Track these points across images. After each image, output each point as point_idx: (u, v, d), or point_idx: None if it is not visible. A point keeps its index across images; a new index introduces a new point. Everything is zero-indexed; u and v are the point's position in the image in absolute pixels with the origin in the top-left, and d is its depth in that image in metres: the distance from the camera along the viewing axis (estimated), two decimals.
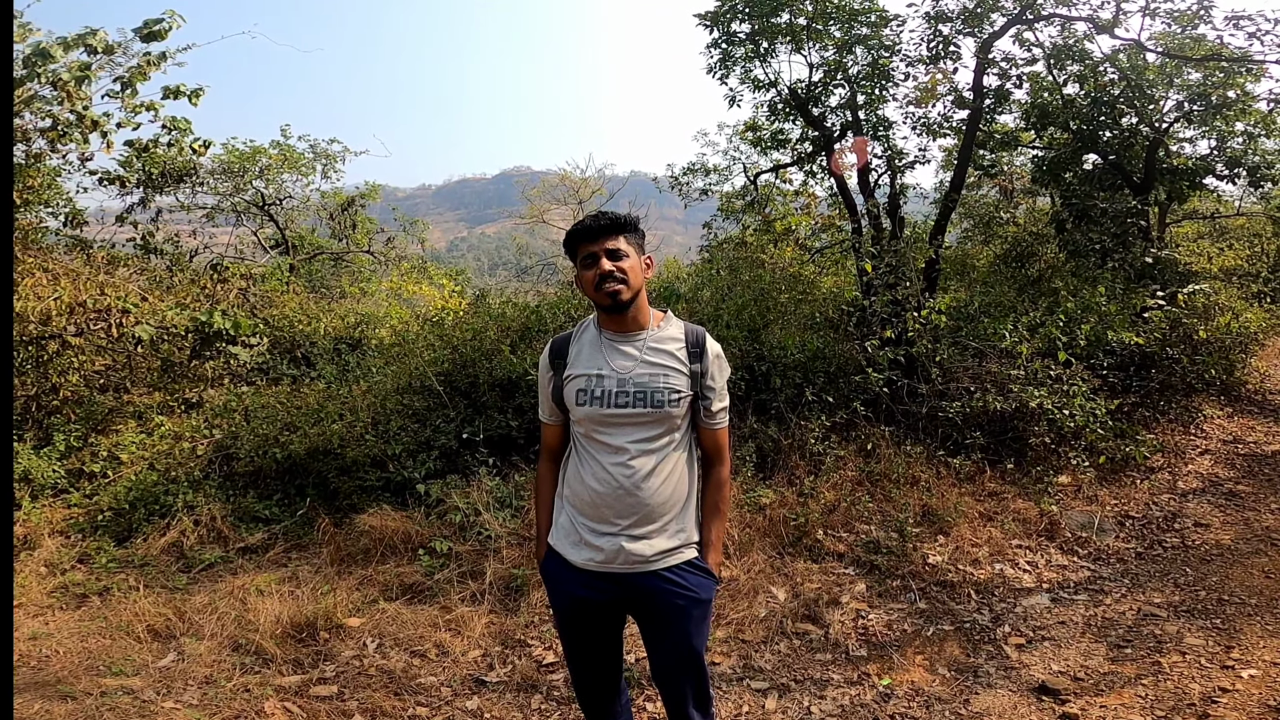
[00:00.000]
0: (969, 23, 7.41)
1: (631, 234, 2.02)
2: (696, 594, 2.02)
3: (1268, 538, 4.76)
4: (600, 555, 1.99)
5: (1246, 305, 9.64)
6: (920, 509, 4.80)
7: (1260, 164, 9.09)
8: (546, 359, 2.10)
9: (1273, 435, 6.88)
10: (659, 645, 2.08)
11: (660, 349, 2.02)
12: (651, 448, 1.98)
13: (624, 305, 1.98)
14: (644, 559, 1.99)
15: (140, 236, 8.49)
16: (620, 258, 1.97)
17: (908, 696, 3.21)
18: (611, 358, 2.01)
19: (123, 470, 5.11)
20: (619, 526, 1.98)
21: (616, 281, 1.95)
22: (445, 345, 5.81)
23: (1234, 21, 7.28)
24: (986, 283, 8.48)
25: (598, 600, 2.03)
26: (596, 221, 1.98)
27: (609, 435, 1.98)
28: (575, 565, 2.03)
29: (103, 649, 3.38)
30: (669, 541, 2.01)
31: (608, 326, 2.04)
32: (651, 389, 1.97)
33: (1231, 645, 3.50)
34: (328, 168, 11.90)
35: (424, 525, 4.42)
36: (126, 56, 5.87)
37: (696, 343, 2.05)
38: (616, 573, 2.00)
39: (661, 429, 1.99)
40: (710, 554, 2.07)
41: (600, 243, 1.97)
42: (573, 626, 2.10)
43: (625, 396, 1.96)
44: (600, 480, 1.98)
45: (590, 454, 2.02)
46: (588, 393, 1.98)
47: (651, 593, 2.01)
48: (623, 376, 1.98)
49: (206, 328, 6.04)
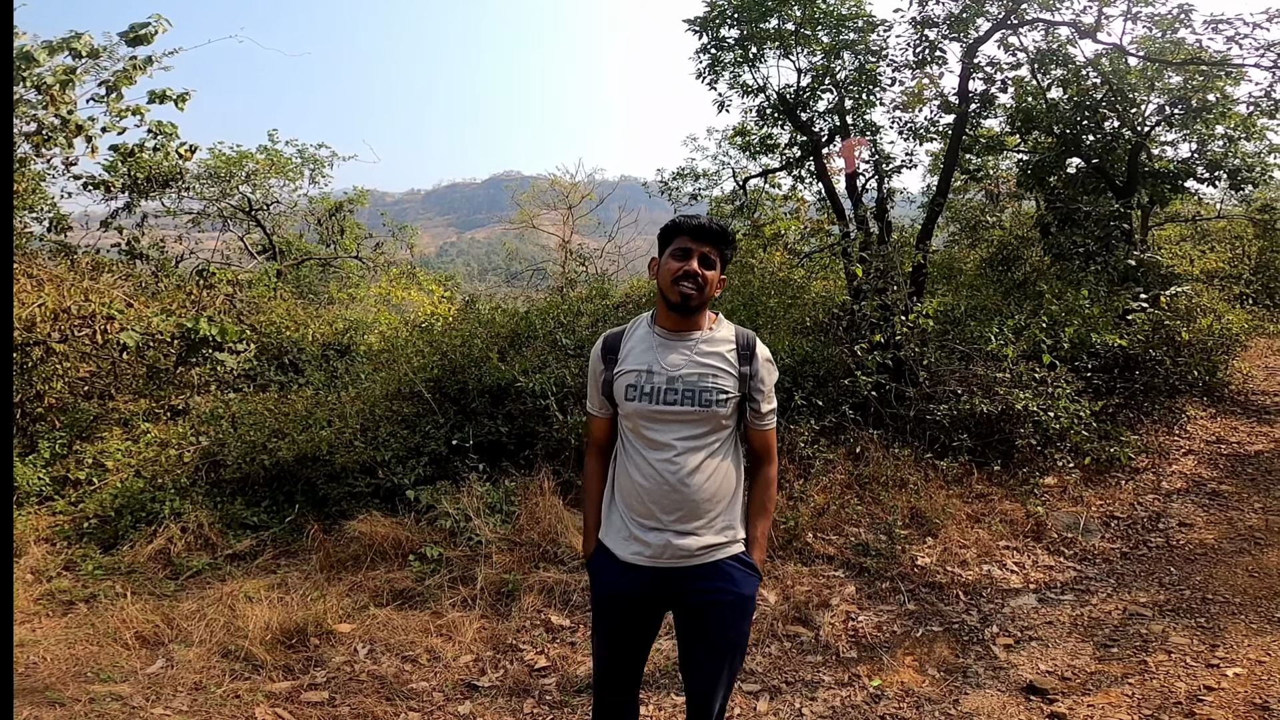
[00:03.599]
0: (954, 28, 7.49)
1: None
2: (740, 589, 2.07)
3: (1251, 537, 4.82)
4: (648, 550, 2.03)
5: (1228, 307, 9.76)
6: (909, 511, 4.83)
7: (1240, 167, 9.20)
8: (598, 353, 2.15)
9: (1255, 435, 6.96)
10: (697, 638, 2.11)
11: (711, 350, 2.07)
12: (697, 445, 2.03)
13: (691, 309, 2.04)
14: (690, 553, 2.03)
15: (125, 242, 8.42)
16: (710, 266, 2.04)
17: (898, 697, 3.24)
18: (663, 355, 2.05)
19: (108, 478, 5.07)
20: (665, 522, 2.02)
21: (695, 285, 2.01)
22: (434, 351, 5.79)
23: (1213, 25, 7.39)
24: (973, 286, 8.55)
25: (642, 595, 2.07)
26: (708, 224, 2.04)
27: (656, 431, 2.03)
28: (623, 560, 2.07)
29: (90, 655, 3.36)
30: (716, 537, 2.05)
31: (664, 324, 2.09)
32: (700, 388, 2.02)
33: (1216, 644, 3.54)
34: (316, 173, 11.86)
35: (414, 531, 4.41)
36: (112, 60, 5.85)
37: (747, 346, 2.10)
38: (663, 567, 2.04)
39: (708, 427, 2.03)
40: (755, 550, 2.12)
41: (700, 244, 2.03)
42: (612, 621, 2.13)
43: (674, 394, 2.01)
44: (646, 476, 2.03)
45: (637, 450, 2.06)
46: (637, 388, 2.03)
47: (695, 588, 2.05)
48: (672, 374, 2.03)
49: (192, 334, 6.00)
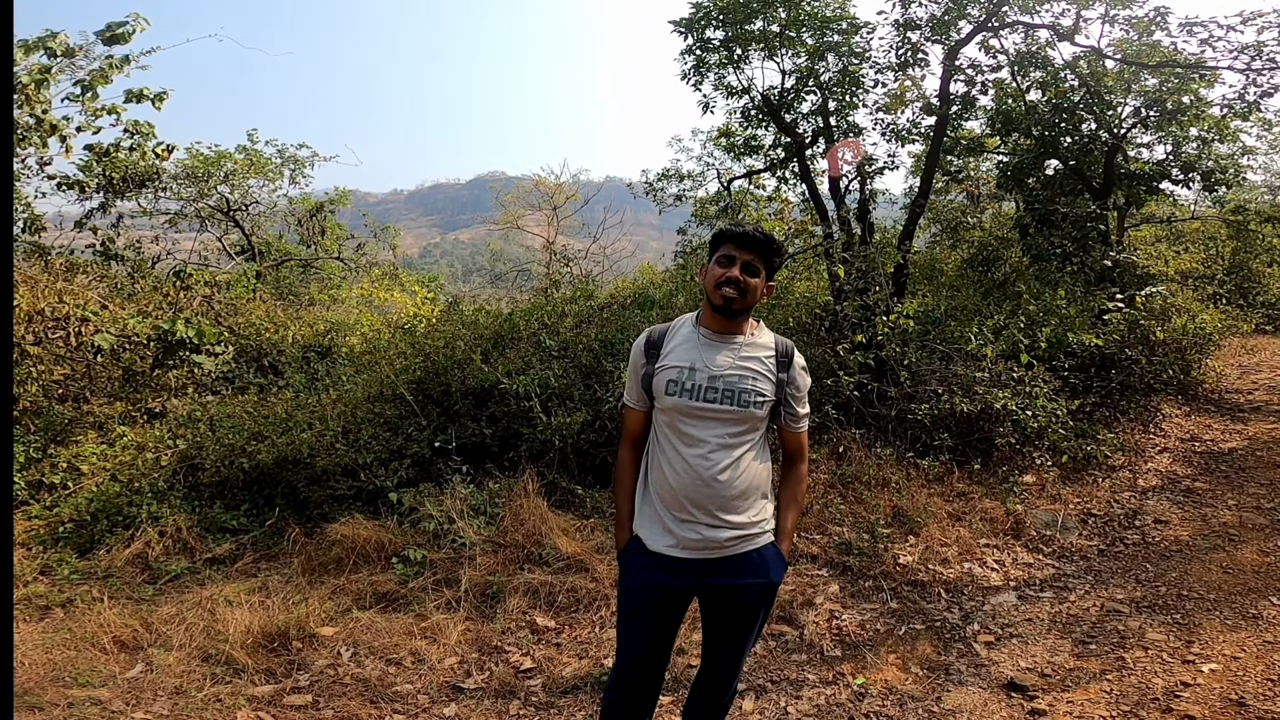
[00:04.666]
0: (937, 30, 7.57)
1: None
2: (767, 577, 2.17)
3: (1225, 533, 4.90)
4: (679, 542, 2.12)
5: (1202, 307, 9.93)
6: (891, 510, 4.87)
7: (1214, 169, 9.36)
8: (641, 348, 2.24)
9: (1229, 433, 7.09)
10: (723, 623, 2.20)
11: (752, 355, 2.17)
12: (730, 443, 2.12)
13: (733, 312, 2.13)
14: (720, 544, 2.12)
15: (100, 243, 8.31)
16: (754, 274, 2.13)
17: (882, 695, 3.26)
18: (706, 354, 2.14)
19: (84, 481, 4.98)
20: (697, 515, 2.11)
21: (738, 291, 2.10)
22: (417, 353, 5.75)
23: (1188, 28, 7.50)
24: (954, 286, 8.63)
25: (673, 585, 2.15)
26: (754, 233, 2.14)
27: (692, 427, 2.12)
28: (656, 552, 2.15)
29: (68, 660, 3.30)
30: (746, 530, 2.15)
31: (708, 325, 2.18)
32: (739, 389, 2.11)
33: (1192, 640, 3.60)
34: (296, 173, 11.75)
35: (397, 534, 4.38)
36: (88, 60, 5.75)
37: (785, 353, 2.21)
38: (694, 559, 2.12)
39: (743, 427, 2.13)
40: (784, 540, 2.24)
41: (745, 252, 2.13)
42: (640, 613, 2.19)
43: (714, 393, 2.10)
44: (680, 471, 2.11)
45: (671, 444, 2.15)
46: (678, 384, 2.12)
47: (726, 578, 2.14)
48: (714, 374, 2.12)
49: (169, 336, 5.93)
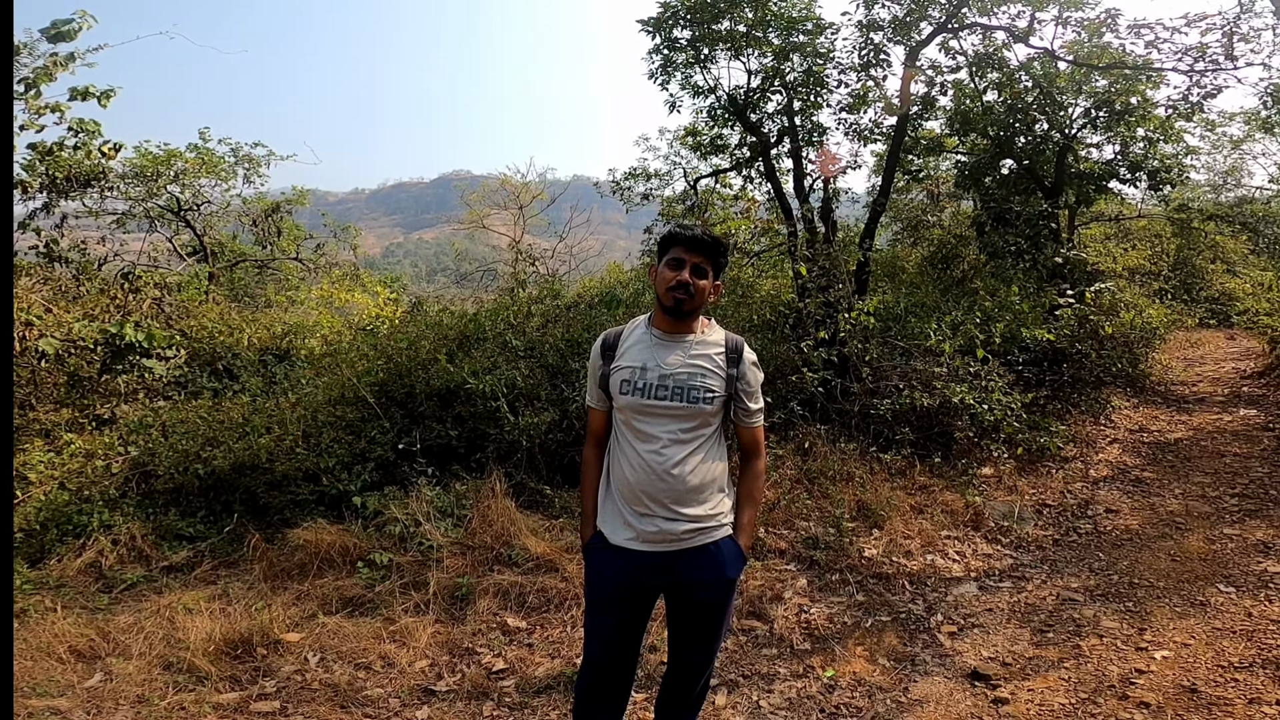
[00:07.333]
0: (898, 31, 7.70)
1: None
2: (727, 573, 2.21)
3: (1172, 522, 5.09)
4: (639, 535, 2.18)
5: (1149, 302, 10.30)
6: (855, 504, 4.95)
7: (1159, 168, 9.71)
8: (598, 349, 2.31)
9: (1175, 424, 7.36)
10: (687, 620, 2.26)
11: (702, 352, 2.22)
12: (682, 438, 2.18)
13: (683, 313, 2.20)
14: (678, 536, 2.18)
15: (44, 244, 7.97)
16: (702, 276, 2.20)
17: (850, 687, 3.31)
18: (657, 354, 2.21)
19: (31, 490, 4.80)
20: (654, 509, 2.17)
21: (687, 294, 2.17)
22: (379, 355, 5.66)
23: (1136, 30, 7.76)
24: (914, 284, 8.80)
25: (635, 578, 2.20)
26: (703, 236, 2.20)
27: (645, 424, 2.18)
28: (617, 546, 2.20)
29: (24, 671, 3.19)
30: (703, 522, 2.19)
31: (660, 326, 2.25)
32: (689, 386, 2.17)
33: (1144, 627, 3.71)
34: (250, 172, 11.44)
35: (362, 538, 4.30)
36: (32, 57, 5.54)
37: (735, 349, 2.26)
38: (654, 552, 2.18)
39: (695, 423, 2.18)
40: (742, 536, 2.27)
41: (694, 255, 2.19)
42: (606, 604, 2.24)
43: (665, 390, 2.16)
44: (636, 467, 2.18)
45: (628, 441, 2.21)
46: (631, 383, 2.18)
47: (686, 572, 2.19)
48: (665, 372, 2.18)
49: (117, 340, 5.74)
